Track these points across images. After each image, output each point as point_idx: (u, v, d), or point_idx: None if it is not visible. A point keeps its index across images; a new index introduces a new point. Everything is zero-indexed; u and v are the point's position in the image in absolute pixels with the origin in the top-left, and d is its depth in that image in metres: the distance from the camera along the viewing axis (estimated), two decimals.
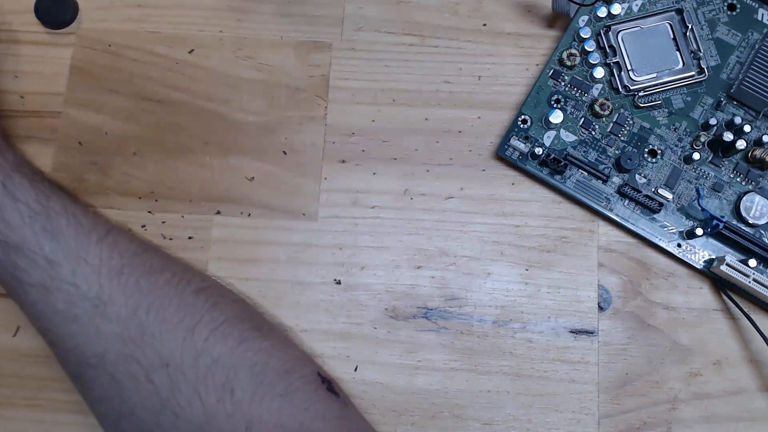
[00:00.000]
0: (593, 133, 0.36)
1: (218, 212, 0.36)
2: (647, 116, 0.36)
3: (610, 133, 0.36)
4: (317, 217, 0.36)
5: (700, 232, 0.34)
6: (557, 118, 0.35)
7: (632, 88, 0.36)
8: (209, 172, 0.36)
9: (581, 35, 0.36)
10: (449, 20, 0.38)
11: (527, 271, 0.35)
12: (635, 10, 0.37)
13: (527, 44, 0.38)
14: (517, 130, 0.36)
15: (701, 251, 0.35)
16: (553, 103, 0.36)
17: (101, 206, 0.36)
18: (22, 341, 0.34)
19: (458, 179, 0.36)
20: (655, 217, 0.35)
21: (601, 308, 0.35)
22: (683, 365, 0.34)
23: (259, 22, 0.38)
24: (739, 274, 0.33)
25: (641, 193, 0.35)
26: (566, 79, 0.36)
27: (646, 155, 0.36)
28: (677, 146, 0.36)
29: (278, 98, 0.37)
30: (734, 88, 0.36)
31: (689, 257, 0.35)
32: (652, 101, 0.36)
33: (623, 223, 0.35)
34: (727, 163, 0.35)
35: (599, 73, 0.36)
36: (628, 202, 0.35)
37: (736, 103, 0.36)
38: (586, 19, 0.37)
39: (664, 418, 0.34)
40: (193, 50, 0.38)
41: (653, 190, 0.35)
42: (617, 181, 0.35)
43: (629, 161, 0.35)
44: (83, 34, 0.38)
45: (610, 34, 0.36)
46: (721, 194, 0.35)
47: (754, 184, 0.35)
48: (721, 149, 0.35)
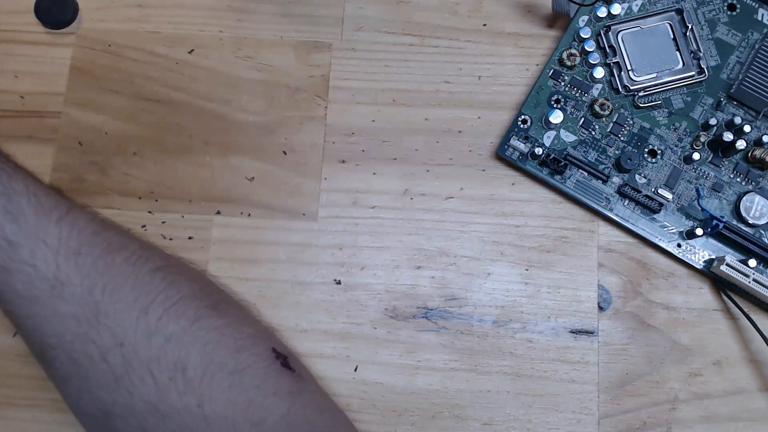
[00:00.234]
0: (593, 133, 0.36)
1: (218, 212, 0.36)
2: (647, 116, 0.36)
3: (610, 133, 0.36)
4: (317, 217, 0.36)
5: (700, 232, 0.34)
6: (557, 118, 0.35)
7: (632, 88, 0.36)
8: (209, 172, 0.36)
9: (581, 35, 0.36)
10: (449, 20, 0.38)
11: (527, 271, 0.35)
12: (635, 10, 0.37)
13: (527, 44, 0.38)
14: (517, 130, 0.36)
15: (701, 251, 0.35)
16: (553, 103, 0.36)
17: (101, 206, 0.36)
18: (22, 341, 0.34)
19: (458, 179, 0.36)
20: (655, 217, 0.35)
21: (601, 308, 0.35)
22: (683, 365, 0.34)
23: (259, 22, 0.38)
24: (739, 274, 0.33)
25: (641, 193, 0.35)
26: (566, 79, 0.36)
27: (646, 155, 0.36)
28: (677, 146, 0.36)
29: (278, 98, 0.37)
30: (734, 88, 0.36)
31: (689, 257, 0.35)
32: (652, 101, 0.36)
33: (623, 223, 0.35)
34: (727, 163, 0.35)
35: (599, 73, 0.36)
36: (628, 202, 0.35)
37: (736, 103, 0.36)
38: (586, 19, 0.37)
39: (664, 418, 0.34)
40: (193, 50, 0.38)
41: (653, 190, 0.35)
42: (617, 181, 0.35)
43: (629, 161, 0.35)
44: (83, 34, 0.38)
45: (610, 34, 0.36)
46: (721, 194, 0.35)
47: (754, 184, 0.35)
48: (721, 149, 0.35)
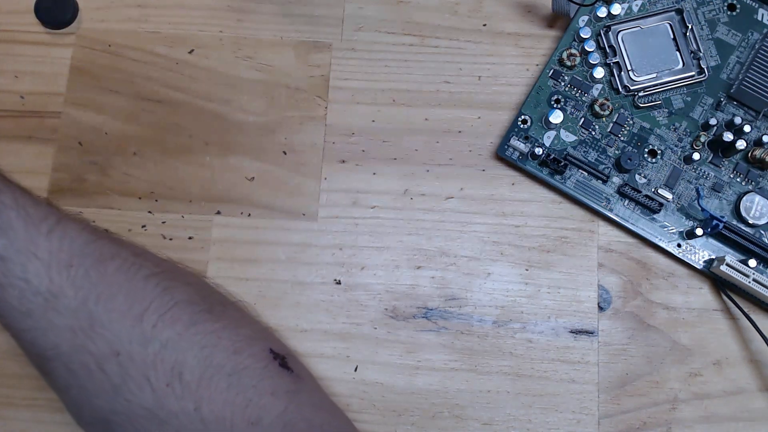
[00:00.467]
0: (593, 133, 0.36)
1: (218, 212, 0.36)
2: (647, 116, 0.36)
3: (610, 133, 0.36)
4: (317, 217, 0.36)
5: (700, 232, 0.34)
6: (557, 118, 0.35)
7: (632, 88, 0.36)
8: (209, 172, 0.36)
9: (581, 35, 0.36)
10: (449, 20, 0.38)
11: (527, 271, 0.35)
12: (635, 10, 0.37)
13: (527, 44, 0.38)
14: (517, 130, 0.36)
15: (701, 251, 0.35)
16: (553, 103, 0.36)
17: (101, 206, 0.36)
18: None
19: (458, 179, 0.36)
20: (655, 217, 0.35)
21: (601, 308, 0.35)
22: (683, 365, 0.34)
23: (259, 22, 0.38)
24: (739, 274, 0.33)
25: (641, 193, 0.35)
26: (566, 79, 0.36)
27: (646, 155, 0.36)
28: (677, 146, 0.36)
29: (278, 98, 0.37)
30: (734, 88, 0.36)
31: (689, 257, 0.35)
32: (652, 101, 0.36)
33: (623, 223, 0.35)
34: (727, 163, 0.35)
35: (599, 73, 0.36)
36: (628, 202, 0.35)
37: (736, 103, 0.36)
38: (586, 19, 0.37)
39: (664, 418, 0.34)
40: (193, 50, 0.38)
41: (653, 190, 0.35)
42: (617, 181, 0.35)
43: (629, 161, 0.35)
44: (83, 34, 0.38)
45: (610, 34, 0.36)
46: (721, 194, 0.35)
47: (754, 184, 0.35)
48: (721, 149, 0.35)
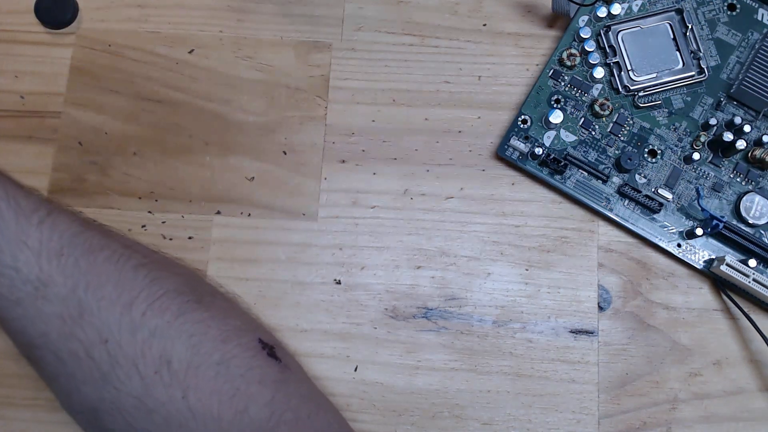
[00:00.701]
0: (593, 133, 0.36)
1: (218, 212, 0.36)
2: (647, 116, 0.36)
3: (610, 133, 0.36)
4: (317, 217, 0.36)
5: (700, 232, 0.34)
6: (557, 118, 0.35)
7: (632, 88, 0.36)
8: (209, 172, 0.36)
9: (581, 35, 0.36)
10: (449, 20, 0.38)
11: (527, 271, 0.35)
12: (635, 10, 0.37)
13: (527, 44, 0.38)
14: (517, 130, 0.36)
15: (701, 251, 0.35)
16: (553, 103, 0.36)
17: (101, 206, 0.36)
18: None
19: (458, 179, 0.36)
20: (655, 217, 0.35)
21: (601, 308, 0.35)
22: (683, 365, 0.34)
23: (259, 22, 0.38)
24: (739, 274, 0.33)
25: (641, 193, 0.35)
26: (566, 79, 0.36)
27: (646, 155, 0.36)
28: (677, 146, 0.36)
29: (278, 98, 0.37)
30: (734, 88, 0.36)
31: (689, 257, 0.35)
32: (652, 101, 0.36)
33: (623, 223, 0.35)
34: (727, 163, 0.35)
35: (599, 73, 0.36)
36: (628, 202, 0.35)
37: (736, 103, 0.36)
38: (586, 19, 0.37)
39: (664, 418, 0.34)
40: (193, 50, 0.38)
41: (653, 190, 0.35)
42: (617, 181, 0.35)
43: (629, 161, 0.35)
44: (83, 34, 0.38)
45: (610, 34, 0.36)
46: (721, 194, 0.35)
47: (754, 184, 0.35)
48: (721, 149, 0.35)
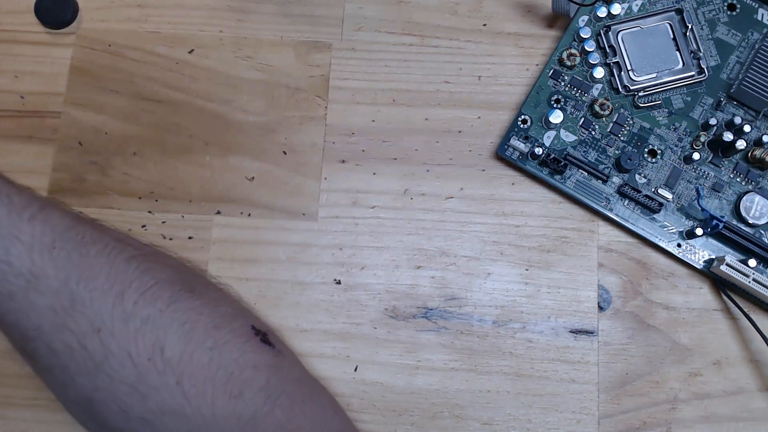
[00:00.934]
0: (593, 133, 0.36)
1: (218, 212, 0.36)
2: (647, 116, 0.36)
3: (610, 133, 0.36)
4: (317, 217, 0.36)
5: (700, 232, 0.34)
6: (557, 118, 0.35)
7: (632, 88, 0.36)
8: (209, 172, 0.36)
9: (581, 35, 0.36)
10: (449, 20, 0.38)
11: (527, 271, 0.35)
12: (635, 10, 0.37)
13: (527, 44, 0.38)
14: (517, 130, 0.36)
15: (701, 251, 0.35)
16: (553, 103, 0.36)
17: (101, 206, 0.36)
18: None
19: (458, 179, 0.36)
20: (655, 217, 0.35)
21: (601, 308, 0.35)
22: (683, 365, 0.34)
23: (259, 22, 0.38)
24: (739, 274, 0.33)
25: (641, 193, 0.35)
26: (566, 79, 0.36)
27: (646, 155, 0.36)
28: (677, 146, 0.36)
29: (278, 98, 0.37)
30: (734, 88, 0.36)
31: (689, 257, 0.35)
32: (652, 101, 0.36)
33: (623, 223, 0.35)
34: (727, 163, 0.35)
35: (599, 73, 0.36)
36: (628, 202, 0.35)
37: (736, 103, 0.36)
38: (586, 19, 0.37)
39: (664, 418, 0.34)
40: (193, 50, 0.38)
41: (653, 190, 0.35)
42: (617, 181, 0.35)
43: (629, 161, 0.35)
44: (83, 34, 0.38)
45: (610, 34, 0.36)
46: (721, 194, 0.35)
47: (754, 184, 0.35)
48: (721, 149, 0.35)
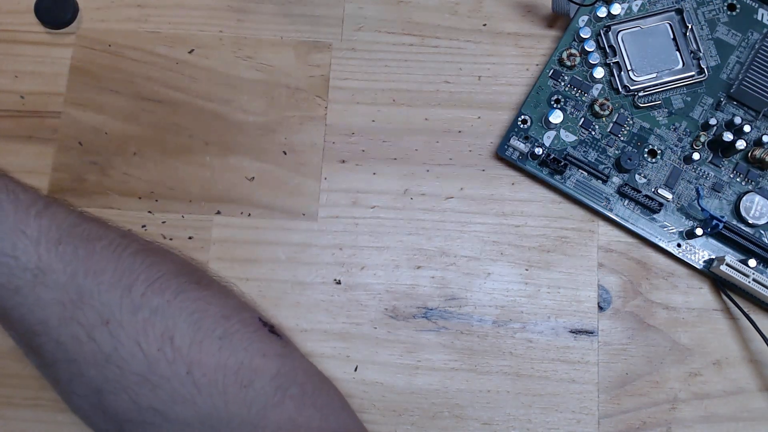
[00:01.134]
0: (593, 133, 0.36)
1: (218, 212, 0.36)
2: (647, 116, 0.36)
3: (610, 133, 0.36)
4: (317, 217, 0.36)
5: (700, 232, 0.34)
6: (557, 118, 0.35)
7: (632, 88, 0.36)
8: (209, 172, 0.36)
9: (581, 35, 0.36)
10: (449, 20, 0.38)
11: (527, 271, 0.35)
12: (635, 10, 0.37)
13: (527, 44, 0.38)
14: (517, 130, 0.36)
15: (701, 251, 0.35)
16: (553, 103, 0.36)
17: (101, 206, 0.36)
18: None
19: (458, 179, 0.36)
20: (655, 217, 0.35)
21: (601, 308, 0.35)
22: (683, 365, 0.34)
23: (259, 22, 0.38)
24: (738, 274, 0.33)
25: (641, 193, 0.35)
26: (566, 79, 0.36)
27: (646, 155, 0.36)
28: (677, 146, 0.36)
29: (278, 98, 0.37)
30: (734, 88, 0.36)
31: (689, 257, 0.35)
32: (652, 101, 0.36)
33: (623, 223, 0.35)
34: (726, 163, 0.35)
35: (599, 73, 0.36)
36: (628, 202, 0.35)
37: (736, 103, 0.36)
38: (586, 19, 0.37)
39: (664, 418, 0.34)
40: (193, 50, 0.38)
41: (653, 190, 0.35)
42: (617, 181, 0.35)
43: (629, 161, 0.35)
44: (83, 34, 0.38)
45: (610, 34, 0.36)
46: (721, 194, 0.35)
47: (754, 184, 0.35)
48: (721, 149, 0.35)
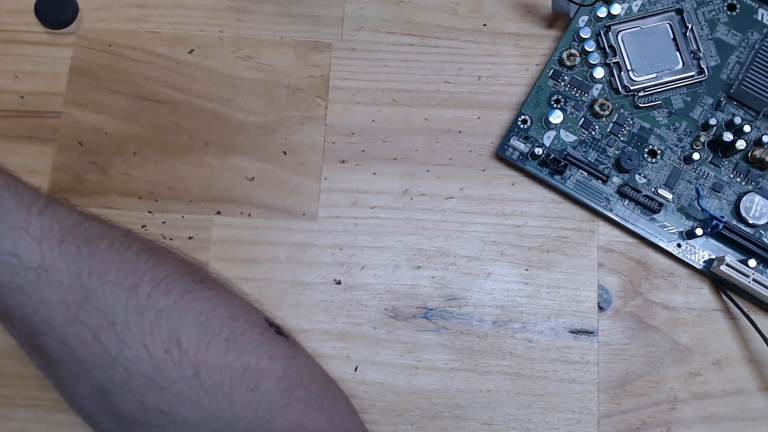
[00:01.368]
0: (593, 133, 0.36)
1: (218, 212, 0.36)
2: (647, 116, 0.36)
3: (610, 133, 0.36)
4: (317, 217, 0.36)
5: (699, 232, 0.34)
6: (557, 118, 0.35)
7: (632, 88, 0.36)
8: (209, 172, 0.36)
9: (581, 35, 0.36)
10: (449, 20, 0.38)
11: (527, 271, 0.35)
12: (635, 10, 0.37)
13: (527, 44, 0.38)
14: (517, 130, 0.36)
15: (701, 251, 0.35)
16: (553, 103, 0.36)
17: (101, 206, 0.36)
18: None
19: (458, 179, 0.36)
20: (654, 217, 0.35)
21: (601, 308, 0.35)
22: (683, 365, 0.34)
23: (259, 22, 0.38)
24: (738, 274, 0.33)
25: (641, 193, 0.35)
26: (566, 79, 0.36)
27: (646, 155, 0.36)
28: (677, 146, 0.36)
29: (278, 98, 0.37)
30: (734, 88, 0.36)
31: (689, 257, 0.35)
32: (652, 101, 0.36)
33: (623, 223, 0.35)
34: (726, 163, 0.35)
35: (599, 73, 0.36)
36: (628, 202, 0.35)
37: (735, 103, 0.36)
38: (586, 19, 0.37)
39: (664, 418, 0.34)
40: (193, 50, 0.38)
41: (653, 190, 0.35)
42: (617, 181, 0.35)
43: (629, 161, 0.35)
44: (83, 34, 0.38)
45: (610, 34, 0.36)
46: (720, 194, 0.35)
47: (753, 184, 0.35)
48: (721, 149, 0.35)
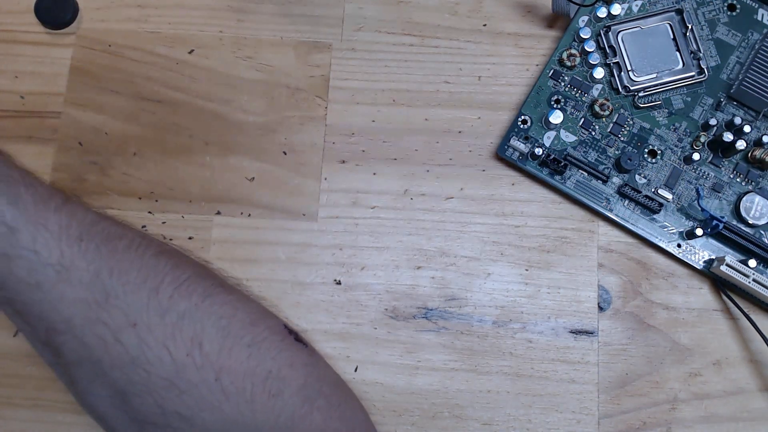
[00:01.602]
0: (593, 133, 0.36)
1: (218, 212, 0.36)
2: (647, 116, 0.36)
3: (610, 133, 0.36)
4: (317, 217, 0.36)
5: (700, 232, 0.34)
6: (557, 118, 0.35)
7: (632, 88, 0.36)
8: (209, 172, 0.36)
9: (581, 35, 0.36)
10: (449, 20, 0.38)
11: (527, 271, 0.35)
12: (635, 10, 0.37)
13: (527, 44, 0.38)
14: (517, 130, 0.36)
15: (701, 251, 0.35)
16: (553, 103, 0.36)
17: (101, 206, 0.36)
18: (22, 341, 0.34)
19: (458, 179, 0.36)
20: (655, 217, 0.35)
21: (601, 308, 0.35)
22: (683, 365, 0.34)
23: (259, 22, 0.38)
24: (738, 274, 0.33)
25: (641, 193, 0.35)
26: (566, 79, 0.36)
27: (646, 155, 0.36)
28: (677, 146, 0.36)
29: (278, 98, 0.37)
30: (734, 88, 0.36)
31: (689, 257, 0.35)
32: (652, 101, 0.36)
33: (623, 223, 0.35)
34: (727, 163, 0.35)
35: (599, 73, 0.36)
36: (628, 202, 0.35)
37: (736, 103, 0.36)
38: (586, 19, 0.37)
39: (664, 418, 0.34)
40: (193, 50, 0.38)
41: (653, 190, 0.35)
42: (617, 181, 0.35)
43: (629, 161, 0.35)
44: (83, 34, 0.38)
45: (610, 34, 0.36)
46: (721, 194, 0.35)
47: (754, 184, 0.35)
48: (721, 149, 0.35)
